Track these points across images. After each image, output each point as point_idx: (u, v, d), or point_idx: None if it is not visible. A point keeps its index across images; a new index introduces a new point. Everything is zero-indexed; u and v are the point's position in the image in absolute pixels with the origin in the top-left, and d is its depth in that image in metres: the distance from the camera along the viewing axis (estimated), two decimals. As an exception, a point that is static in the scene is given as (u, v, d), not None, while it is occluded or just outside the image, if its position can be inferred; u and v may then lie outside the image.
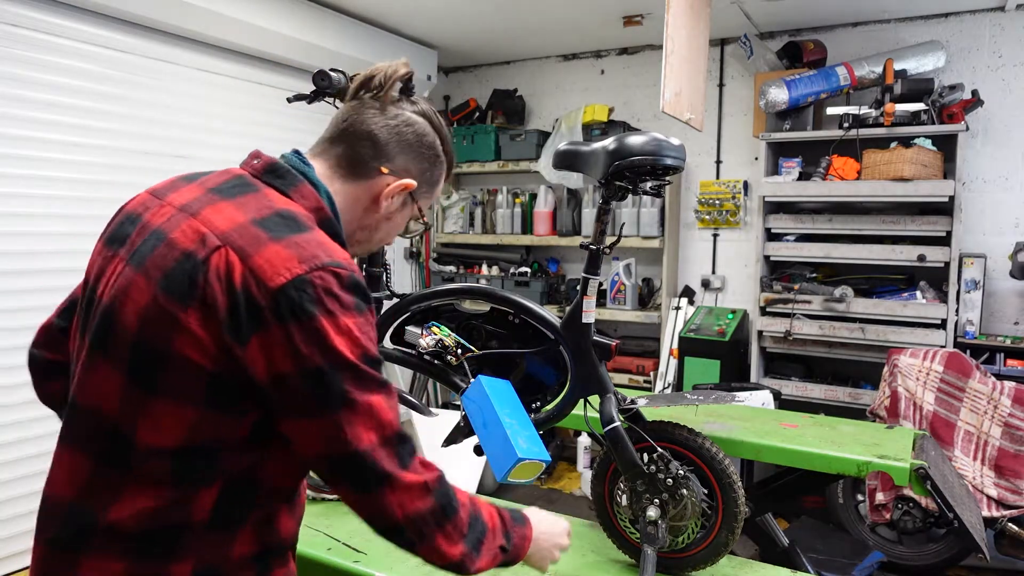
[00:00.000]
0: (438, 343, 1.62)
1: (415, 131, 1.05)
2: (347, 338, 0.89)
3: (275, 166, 0.99)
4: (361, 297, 0.92)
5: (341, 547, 1.57)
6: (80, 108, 3.03)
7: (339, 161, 1.03)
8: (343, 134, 1.04)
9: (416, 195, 1.08)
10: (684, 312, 4.30)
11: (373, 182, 1.03)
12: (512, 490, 3.90)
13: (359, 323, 0.91)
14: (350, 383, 0.90)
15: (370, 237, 1.10)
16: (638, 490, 1.45)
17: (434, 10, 3.99)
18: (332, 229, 0.99)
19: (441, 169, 1.11)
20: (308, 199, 0.98)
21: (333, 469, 0.92)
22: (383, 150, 1.03)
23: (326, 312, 0.87)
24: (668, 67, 2.89)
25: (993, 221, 3.79)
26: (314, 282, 0.87)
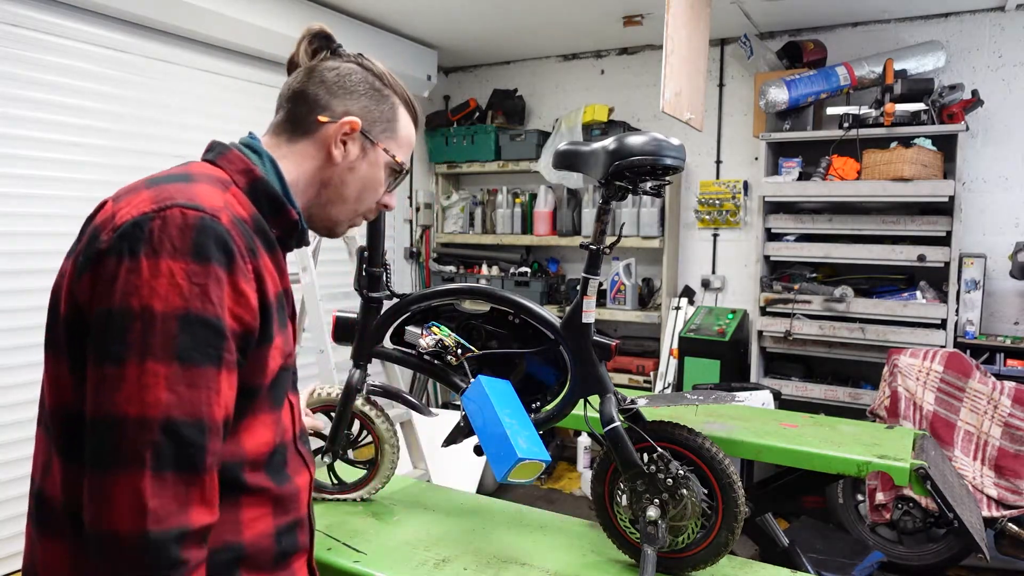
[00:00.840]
0: (438, 343, 1.62)
1: (339, 73, 1.01)
2: (163, 283, 0.78)
3: (212, 144, 0.99)
4: (206, 244, 0.80)
5: (341, 547, 1.57)
6: (80, 108, 3.03)
7: (280, 128, 1.02)
8: (279, 105, 1.04)
9: (373, 135, 1.02)
10: (684, 312, 4.30)
11: (317, 136, 1.00)
12: (512, 490, 3.90)
13: (190, 271, 0.79)
14: (136, 338, 0.77)
15: (341, 194, 1.03)
16: (638, 490, 1.45)
17: (434, 10, 3.98)
18: (266, 188, 0.95)
19: (390, 103, 1.04)
20: (234, 163, 0.95)
21: (86, 438, 0.79)
22: (315, 101, 1.00)
23: (151, 251, 0.78)
24: (668, 67, 2.89)
25: (993, 221, 3.79)
26: (155, 219, 0.80)
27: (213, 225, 0.82)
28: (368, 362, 1.73)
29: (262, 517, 0.93)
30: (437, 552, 1.56)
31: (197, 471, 0.79)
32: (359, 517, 1.74)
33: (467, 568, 1.49)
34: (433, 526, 1.70)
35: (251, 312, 0.85)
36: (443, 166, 5.09)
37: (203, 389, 0.79)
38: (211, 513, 0.81)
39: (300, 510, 1.00)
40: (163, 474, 0.77)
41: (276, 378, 0.94)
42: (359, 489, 1.83)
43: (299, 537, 1.00)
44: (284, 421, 0.98)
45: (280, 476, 0.96)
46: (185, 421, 0.78)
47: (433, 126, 5.11)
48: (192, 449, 0.79)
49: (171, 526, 0.77)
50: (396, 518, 1.75)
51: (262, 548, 0.93)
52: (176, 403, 0.77)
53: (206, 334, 0.80)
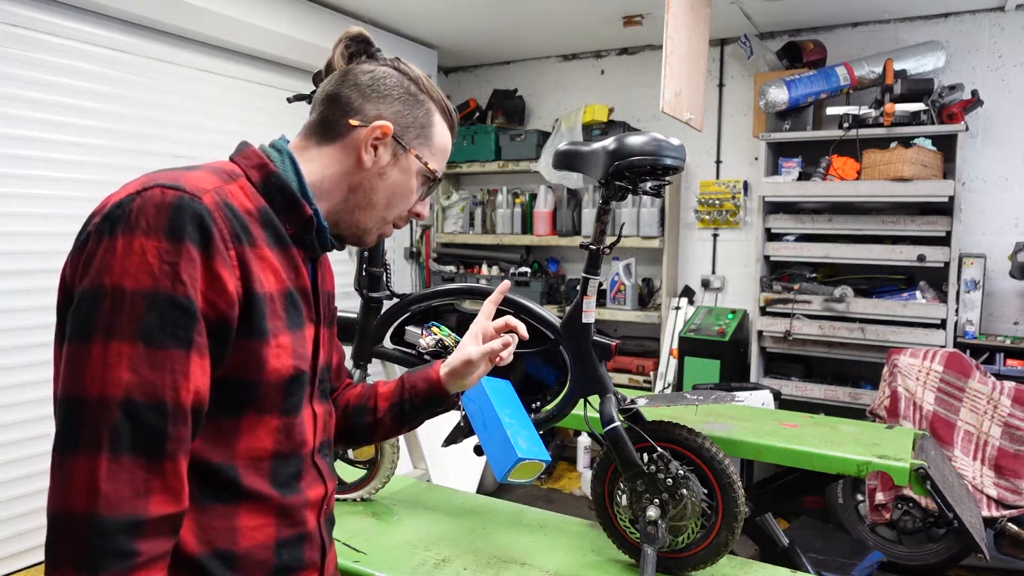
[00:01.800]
0: (438, 343, 1.62)
1: (373, 77, 0.99)
2: (134, 261, 0.76)
3: (240, 143, 0.98)
4: (180, 222, 0.78)
5: (341, 547, 1.57)
6: (80, 108, 3.03)
7: (311, 129, 1.00)
8: (313, 108, 1.02)
9: (406, 141, 0.99)
10: (684, 312, 4.30)
11: (348, 139, 0.97)
12: (512, 490, 3.90)
13: (161, 249, 0.77)
14: (104, 317, 0.76)
15: (370, 200, 1.00)
16: (638, 490, 1.45)
17: (434, 10, 3.99)
18: (279, 183, 0.93)
19: (425, 108, 1.01)
20: (249, 158, 0.94)
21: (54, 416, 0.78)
22: (347, 104, 0.97)
23: (127, 228, 0.77)
24: (668, 67, 2.89)
25: (993, 221, 3.79)
26: (135, 200, 0.79)
27: (191, 203, 0.79)
28: (368, 362, 1.73)
29: (263, 527, 0.90)
30: (437, 552, 1.56)
31: (158, 457, 0.76)
32: (359, 517, 1.74)
33: (467, 568, 1.49)
34: (433, 526, 1.70)
35: (226, 299, 0.82)
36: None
37: (167, 371, 0.77)
38: (174, 503, 0.78)
39: (308, 524, 0.96)
40: (119, 457, 0.74)
41: (289, 382, 0.90)
42: (359, 489, 1.83)
43: (305, 553, 0.95)
44: (302, 431, 0.95)
45: (288, 487, 0.93)
46: (146, 404, 0.76)
47: (433, 126, 5.10)
48: (152, 433, 0.76)
49: (122, 512, 0.74)
50: (396, 518, 1.75)
51: (259, 560, 0.89)
52: (137, 384, 0.75)
53: (174, 314, 0.77)
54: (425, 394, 1.18)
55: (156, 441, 0.76)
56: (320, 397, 1.01)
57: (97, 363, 0.75)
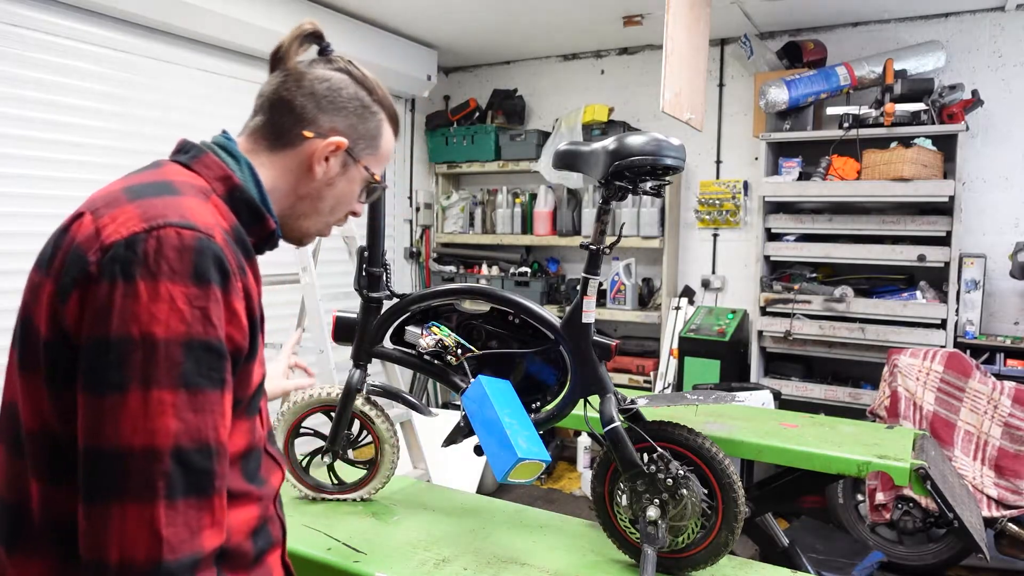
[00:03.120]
0: (438, 343, 1.62)
1: (330, 87, 0.97)
2: (163, 308, 0.75)
3: (184, 144, 0.96)
4: (205, 266, 0.78)
5: (341, 547, 1.57)
6: (80, 108, 3.03)
7: (261, 134, 0.98)
8: (260, 108, 0.99)
9: (356, 153, 1.00)
10: (684, 312, 4.30)
11: (300, 149, 0.97)
12: (512, 490, 3.90)
13: (190, 295, 0.77)
14: (138, 366, 0.75)
15: (316, 207, 1.01)
16: (638, 490, 1.45)
17: (434, 10, 3.99)
18: (245, 197, 0.92)
19: (376, 120, 1.01)
20: (211, 168, 0.92)
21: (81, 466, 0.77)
22: (301, 114, 0.96)
23: (148, 273, 0.76)
24: (668, 67, 2.89)
25: (993, 221, 3.79)
26: (148, 240, 0.77)
27: (210, 245, 0.80)
28: (368, 362, 1.73)
29: (246, 522, 0.93)
30: (437, 552, 1.56)
31: (208, 495, 0.79)
32: (359, 517, 1.74)
33: (467, 568, 1.49)
34: (433, 526, 1.70)
35: (242, 331, 0.83)
36: (443, 166, 5.09)
37: (208, 413, 0.79)
38: (221, 534, 0.81)
39: (271, 507, 1.01)
40: (175, 503, 0.76)
41: (257, 388, 0.93)
42: (359, 489, 1.83)
43: (272, 533, 1.00)
44: (259, 426, 0.98)
45: (257, 479, 0.96)
46: (194, 448, 0.77)
47: (433, 126, 5.11)
48: (203, 475, 0.78)
49: (185, 553, 0.76)
50: (396, 518, 1.75)
51: (243, 551, 0.92)
52: (184, 431, 0.76)
53: (209, 358, 0.78)
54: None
55: (206, 481, 0.79)
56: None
57: (137, 413, 0.75)
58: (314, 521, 1.69)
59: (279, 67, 1.00)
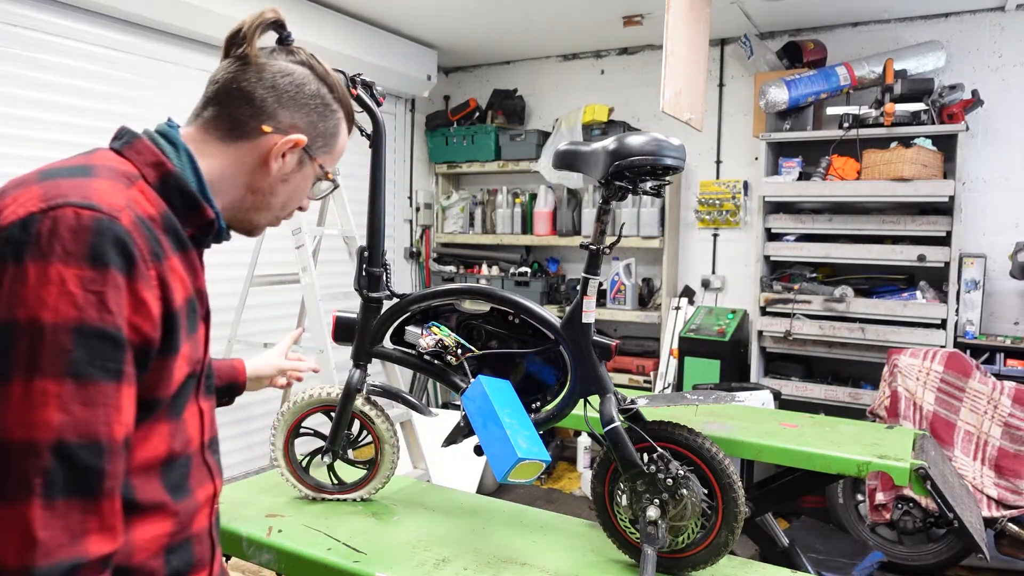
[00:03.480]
0: (438, 343, 1.62)
1: (292, 81, 0.94)
2: (53, 292, 0.70)
3: (120, 130, 0.92)
4: (103, 248, 0.73)
5: (341, 547, 1.57)
6: (80, 108, 3.03)
7: (214, 124, 0.94)
8: (214, 96, 0.95)
9: (312, 150, 0.97)
10: (684, 312, 4.30)
11: (256, 143, 0.93)
12: (512, 490, 3.90)
13: (84, 278, 0.71)
14: (23, 353, 0.70)
15: (268, 202, 0.98)
16: (638, 490, 1.45)
17: (434, 10, 3.99)
18: (178, 184, 0.88)
19: (335, 118, 0.99)
20: (143, 154, 0.88)
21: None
22: (261, 107, 0.93)
23: (39, 255, 0.71)
24: (668, 67, 2.89)
25: (993, 221, 3.79)
26: (43, 220, 0.72)
27: (111, 226, 0.74)
28: (368, 362, 1.73)
29: (156, 538, 0.86)
30: (437, 552, 1.56)
31: (94, 496, 0.73)
32: (359, 517, 1.74)
33: (467, 568, 1.49)
34: (433, 526, 1.70)
35: (152, 323, 0.78)
36: (443, 166, 5.09)
37: (101, 407, 0.73)
38: (112, 540, 0.75)
39: (196, 524, 0.93)
40: (54, 502, 0.70)
41: (182, 387, 0.88)
42: (359, 489, 1.83)
43: (195, 554, 0.92)
44: (188, 430, 0.91)
45: (180, 490, 0.89)
46: (80, 443, 0.71)
47: (433, 126, 5.11)
48: (89, 473, 0.72)
49: (61, 559, 0.70)
50: (396, 518, 1.75)
51: (150, 570, 0.86)
52: (70, 424, 0.71)
53: (103, 347, 0.73)
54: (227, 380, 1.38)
55: (93, 481, 0.73)
56: (206, 393, 0.98)
57: (18, 405, 0.70)
58: (314, 521, 1.69)
59: (236, 53, 0.95)
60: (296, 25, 3.72)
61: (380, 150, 1.61)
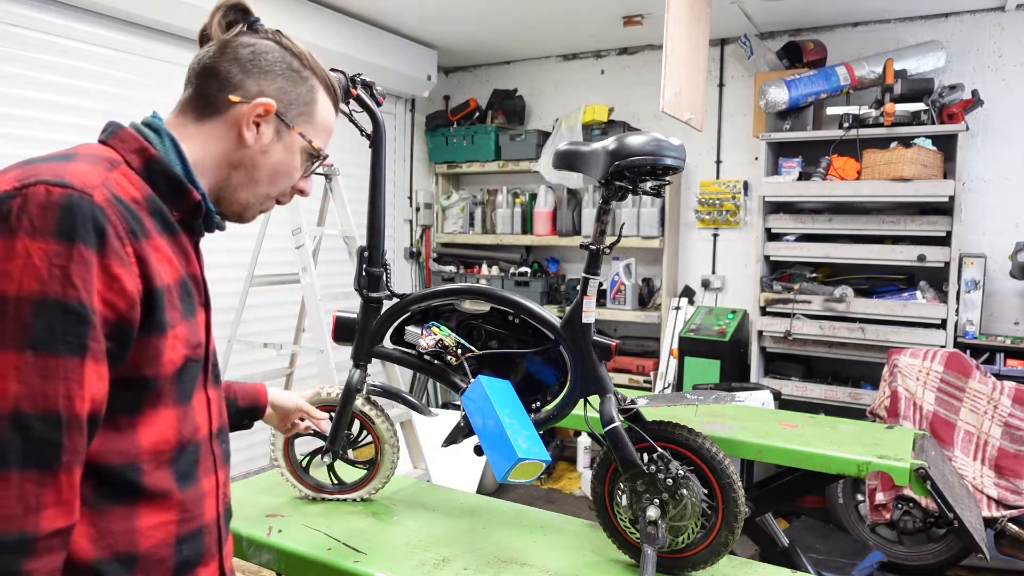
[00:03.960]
0: (438, 343, 1.62)
1: (255, 51, 0.95)
2: (17, 265, 0.71)
3: (107, 124, 0.94)
4: (70, 223, 0.73)
5: (341, 547, 1.57)
6: (80, 108, 3.03)
7: (189, 106, 0.96)
8: (188, 80, 0.97)
9: (289, 118, 0.96)
10: (684, 312, 4.30)
11: (228, 115, 0.94)
12: (512, 490, 3.90)
13: (50, 252, 0.72)
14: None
15: (252, 177, 0.97)
16: (638, 490, 1.45)
17: (434, 10, 3.99)
18: (162, 168, 0.89)
19: (308, 85, 0.98)
20: (127, 142, 0.89)
21: None
22: (225, 79, 0.93)
23: (7, 230, 0.72)
24: (668, 67, 2.89)
25: (993, 221, 3.79)
26: (15, 198, 0.74)
27: (81, 202, 0.75)
28: (368, 362, 1.73)
29: (163, 525, 0.87)
30: (437, 552, 1.56)
31: (51, 469, 0.73)
32: (359, 517, 1.74)
33: (467, 568, 1.49)
34: (433, 526, 1.70)
35: (126, 298, 0.78)
36: (443, 166, 5.09)
37: (61, 380, 0.73)
38: (67, 515, 0.75)
39: (206, 515, 0.94)
40: (7, 473, 0.71)
41: (182, 370, 0.88)
42: (359, 489, 1.83)
43: (205, 544, 0.94)
44: (196, 418, 0.93)
45: (187, 479, 0.91)
46: (37, 415, 0.72)
47: (433, 126, 5.11)
48: (45, 445, 0.72)
49: (11, 531, 0.70)
50: (396, 518, 1.75)
51: (160, 558, 0.87)
52: (27, 395, 0.71)
53: (66, 320, 0.73)
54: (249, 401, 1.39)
55: (50, 453, 0.73)
56: (213, 382, 0.99)
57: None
58: (314, 521, 1.69)
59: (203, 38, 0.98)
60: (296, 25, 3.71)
61: (380, 150, 1.61)
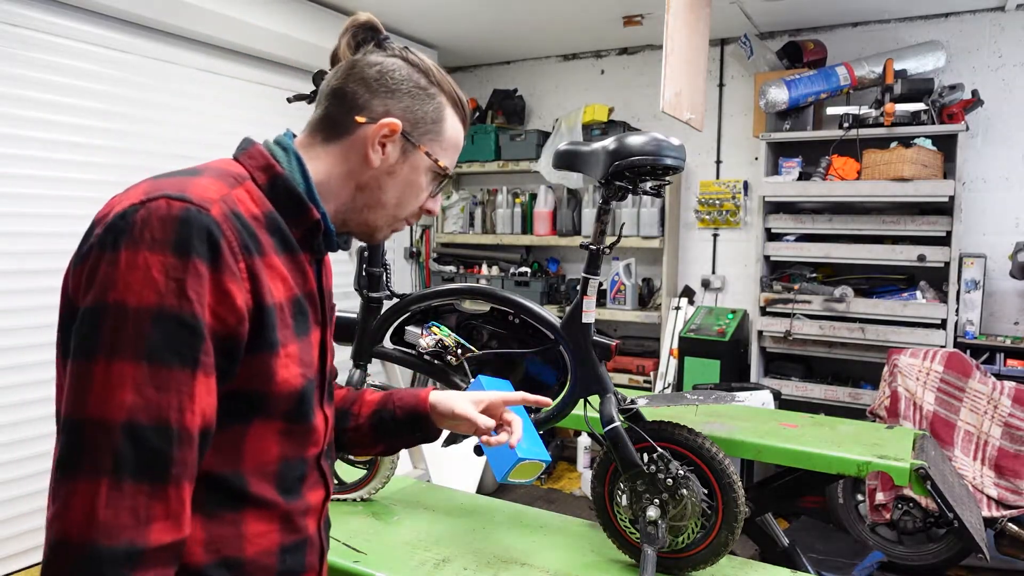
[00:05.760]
0: (438, 343, 1.62)
1: (381, 70, 0.94)
2: (138, 277, 0.73)
3: (244, 140, 0.95)
4: (187, 236, 0.75)
5: (341, 547, 1.57)
6: (80, 108, 3.03)
7: (318, 127, 0.96)
8: (318, 102, 0.97)
9: (415, 137, 0.95)
10: (684, 312, 4.30)
11: (355, 137, 0.93)
12: (512, 490, 3.90)
13: (168, 265, 0.74)
14: (107, 335, 0.73)
15: (378, 199, 0.96)
16: (638, 490, 1.45)
17: (434, 10, 3.99)
18: (286, 185, 0.90)
19: (436, 103, 0.96)
20: (255, 158, 0.91)
21: (56, 439, 0.75)
22: (353, 100, 0.93)
23: (132, 243, 0.74)
24: (668, 67, 2.89)
25: (993, 221, 3.79)
26: (140, 211, 0.76)
27: (199, 216, 0.76)
28: (368, 362, 1.73)
29: (268, 533, 0.88)
30: (437, 552, 1.56)
31: (162, 481, 0.74)
32: (359, 517, 1.74)
33: (467, 568, 1.49)
34: (433, 526, 1.70)
35: (236, 314, 0.79)
36: (443, 166, 5.08)
37: (173, 393, 0.74)
38: (177, 530, 0.75)
39: (309, 529, 0.95)
40: (121, 483, 0.71)
41: (301, 394, 0.89)
42: (359, 489, 1.83)
43: (307, 558, 0.95)
44: (313, 435, 0.94)
45: (292, 493, 0.92)
46: (150, 426, 0.73)
47: (433, 126, 5.10)
48: (157, 457, 0.73)
49: (121, 541, 0.71)
50: (396, 518, 1.75)
51: (264, 566, 0.88)
52: (142, 406, 0.72)
53: (180, 333, 0.74)
54: (409, 409, 1.17)
55: (160, 465, 0.74)
56: (328, 400, 1.00)
57: (100, 384, 0.72)
58: (314, 521, 1.69)
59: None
60: (296, 25, 3.71)
61: (380, 150, 1.61)
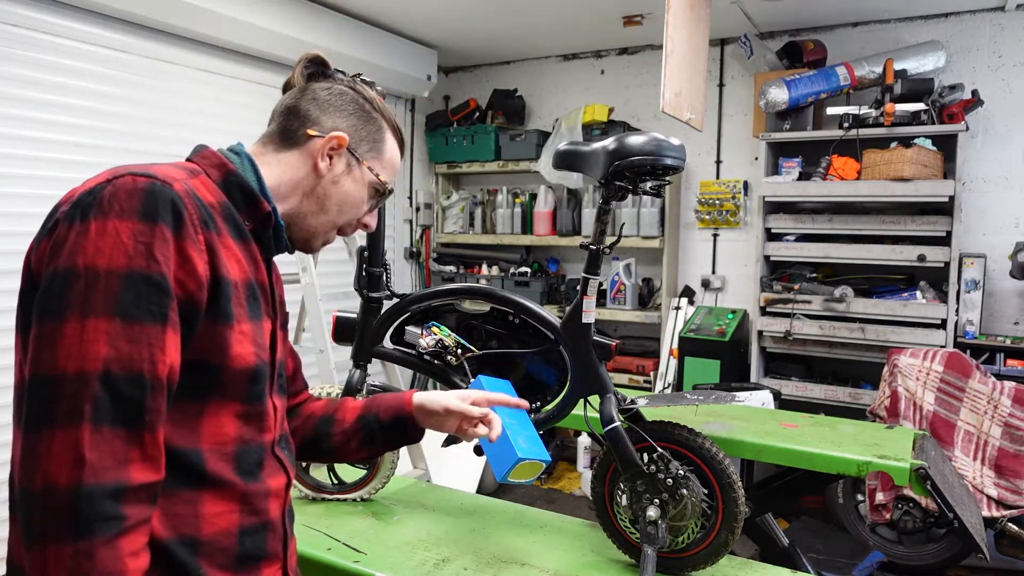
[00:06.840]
0: (438, 343, 1.62)
1: (332, 92, 1.06)
2: (108, 242, 0.80)
3: (196, 146, 1.02)
4: (153, 205, 0.82)
5: (341, 547, 1.57)
6: (80, 108, 3.03)
7: (271, 138, 1.05)
8: (271, 119, 1.08)
9: (359, 153, 1.06)
10: (684, 312, 4.30)
11: (305, 147, 1.03)
12: (512, 490, 3.90)
13: (136, 230, 0.81)
14: (79, 295, 0.79)
15: (324, 205, 1.06)
16: (638, 490, 1.45)
17: (434, 10, 3.99)
18: (239, 180, 0.98)
19: (378, 126, 1.08)
20: (208, 158, 0.98)
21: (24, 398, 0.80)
22: (306, 116, 1.04)
23: (100, 213, 0.81)
24: (668, 67, 2.89)
25: (993, 221, 3.79)
26: (107, 187, 0.83)
27: (163, 189, 0.84)
28: (368, 362, 1.73)
29: (226, 514, 0.92)
30: (437, 552, 1.56)
31: (137, 427, 0.80)
32: (359, 517, 1.74)
33: (467, 568, 1.50)
34: (433, 526, 1.70)
35: (196, 280, 0.85)
36: (443, 166, 5.09)
37: (144, 345, 0.80)
38: (154, 471, 0.81)
39: (270, 513, 0.99)
40: (101, 428, 0.77)
41: (253, 372, 0.94)
42: (359, 489, 1.83)
43: (268, 542, 0.98)
44: (259, 422, 0.98)
45: (251, 475, 0.95)
46: (125, 376, 0.79)
47: (433, 126, 5.11)
48: (131, 404, 0.79)
49: (107, 480, 0.77)
50: (396, 518, 1.75)
51: (222, 547, 0.92)
52: (115, 357, 0.78)
53: (149, 291, 0.81)
54: (394, 412, 1.23)
55: (135, 412, 0.80)
56: (279, 391, 1.05)
57: (73, 340, 0.78)
58: (314, 521, 1.69)
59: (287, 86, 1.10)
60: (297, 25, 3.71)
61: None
